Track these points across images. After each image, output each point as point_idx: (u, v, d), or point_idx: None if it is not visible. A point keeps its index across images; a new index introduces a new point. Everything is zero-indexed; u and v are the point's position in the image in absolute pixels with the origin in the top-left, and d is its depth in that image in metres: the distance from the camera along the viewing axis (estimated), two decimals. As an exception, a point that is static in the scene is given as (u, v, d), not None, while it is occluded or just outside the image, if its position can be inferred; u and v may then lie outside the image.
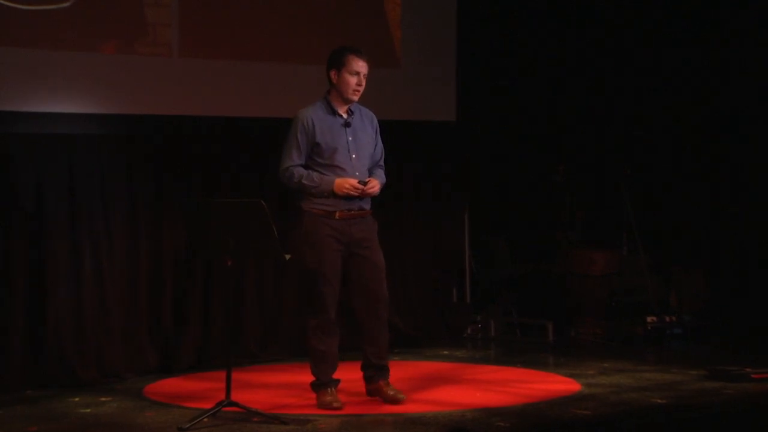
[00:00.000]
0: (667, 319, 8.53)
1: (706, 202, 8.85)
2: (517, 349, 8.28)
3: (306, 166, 6.04)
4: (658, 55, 9.07)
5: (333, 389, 6.12)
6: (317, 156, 6.03)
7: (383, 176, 6.23)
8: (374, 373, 6.21)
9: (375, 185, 6.06)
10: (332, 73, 6.07)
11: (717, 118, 8.83)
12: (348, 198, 6.01)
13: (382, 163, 6.28)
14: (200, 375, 7.17)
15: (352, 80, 6.04)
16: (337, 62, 6.06)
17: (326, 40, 7.82)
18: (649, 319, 8.45)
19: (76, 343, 6.95)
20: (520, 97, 9.24)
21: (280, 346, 7.84)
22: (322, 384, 6.12)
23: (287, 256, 5.86)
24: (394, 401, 6.10)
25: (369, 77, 6.14)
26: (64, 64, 6.89)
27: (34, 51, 6.78)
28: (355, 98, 6.08)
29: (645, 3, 9.06)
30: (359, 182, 6.00)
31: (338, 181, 5.98)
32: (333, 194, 5.99)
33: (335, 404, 6.03)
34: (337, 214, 6.02)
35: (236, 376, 6.11)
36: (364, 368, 6.26)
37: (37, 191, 6.90)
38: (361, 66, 6.04)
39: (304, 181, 6.00)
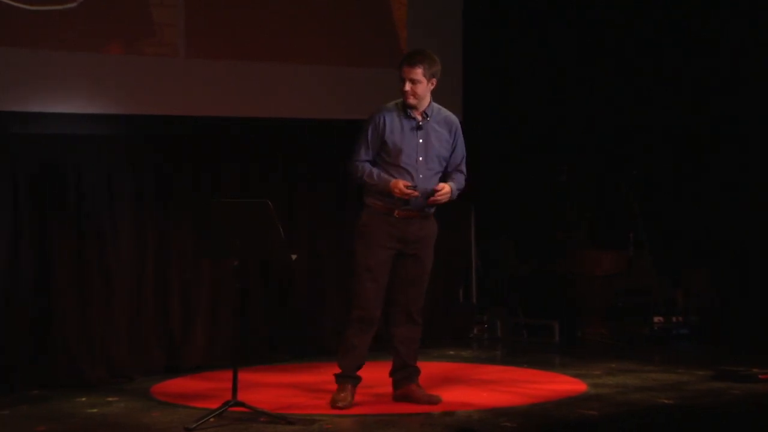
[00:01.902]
0: (674, 319, 8.53)
1: (713, 202, 8.83)
2: (523, 349, 8.28)
3: (375, 163, 6.15)
4: (663, 54, 9.05)
5: (351, 385, 6.15)
6: (385, 154, 6.14)
7: (461, 180, 6.26)
8: (405, 375, 6.24)
9: (445, 192, 6.09)
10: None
11: (724, 117, 8.81)
12: (404, 198, 6.08)
13: (462, 167, 6.30)
14: (207, 375, 7.17)
15: (402, 86, 6.14)
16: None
17: (332, 41, 7.84)
18: (655, 319, 8.45)
19: (83, 343, 6.95)
20: (525, 97, 9.23)
21: (287, 346, 7.84)
22: (343, 377, 6.17)
23: (293, 256, 5.87)
24: (429, 403, 6.13)
25: (373, 77, 6.17)
26: (69, 64, 6.90)
27: (40, 51, 6.79)
28: (410, 102, 6.12)
29: (647, 3, 9.05)
30: (409, 186, 6.02)
31: (393, 182, 6.06)
32: (389, 194, 6.07)
33: (340, 403, 6.06)
34: (396, 212, 6.10)
35: (243, 376, 6.11)
36: (393, 371, 6.28)
37: (43, 191, 6.91)
38: (405, 72, 6.11)
39: (366, 178, 6.13)
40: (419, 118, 6.17)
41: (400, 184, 6.04)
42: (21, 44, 6.72)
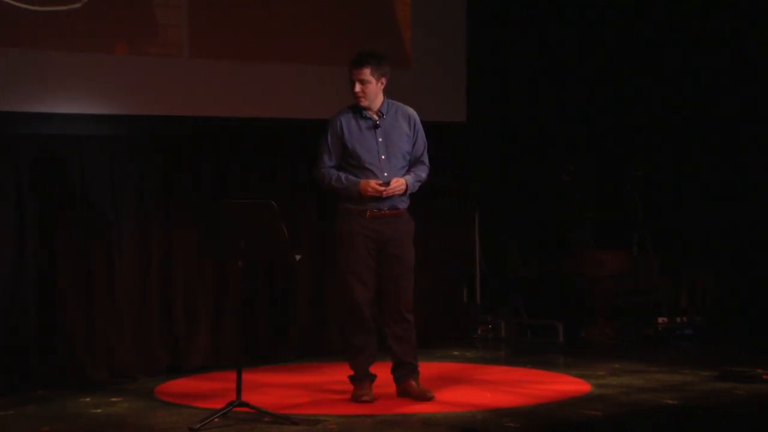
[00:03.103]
0: (678, 319, 8.52)
1: (717, 202, 8.83)
2: (527, 349, 8.28)
3: (340, 167, 6.18)
4: (665, 54, 9.05)
5: (368, 382, 6.22)
6: (348, 157, 6.18)
7: (421, 173, 6.29)
8: (403, 372, 6.29)
9: (398, 184, 6.12)
10: None
11: (728, 116, 8.80)
12: (378, 198, 6.11)
13: (424, 158, 6.34)
14: (211, 375, 7.18)
15: (352, 87, 6.19)
16: None
17: (336, 41, 7.84)
18: (659, 319, 8.44)
19: (88, 344, 6.96)
20: (529, 97, 9.23)
21: (291, 346, 7.85)
22: (357, 377, 6.24)
23: (297, 257, 5.87)
24: (423, 398, 6.19)
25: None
26: (73, 64, 6.90)
27: (43, 52, 6.80)
28: (362, 103, 6.19)
29: (648, 3, 9.05)
30: (381, 183, 6.07)
31: (362, 183, 6.10)
32: (360, 195, 6.10)
33: (365, 398, 6.14)
34: (368, 213, 6.14)
35: (247, 376, 6.12)
36: (394, 369, 6.33)
37: (47, 192, 6.92)
38: (354, 74, 6.17)
39: (334, 183, 6.18)
40: (375, 117, 6.21)
41: (372, 183, 6.07)
42: (25, 45, 6.73)
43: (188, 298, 7.45)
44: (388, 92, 6.36)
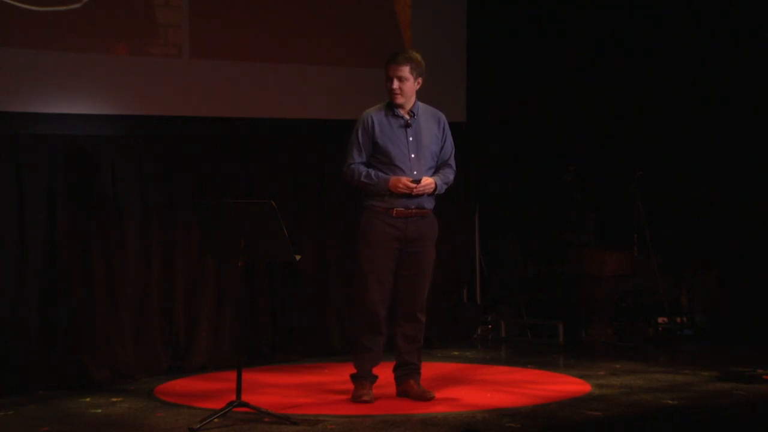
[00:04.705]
0: (678, 320, 8.52)
1: (718, 203, 8.83)
2: (528, 350, 8.28)
3: (369, 164, 6.17)
4: (668, 55, 9.05)
5: (368, 383, 6.22)
6: (378, 154, 6.18)
7: (449, 175, 6.33)
8: (406, 372, 6.29)
9: (428, 183, 6.14)
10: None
11: (729, 117, 8.80)
12: (406, 196, 6.12)
13: (451, 161, 6.38)
14: (211, 375, 7.18)
15: (389, 85, 6.20)
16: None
17: (336, 41, 7.84)
18: (660, 320, 8.44)
19: (88, 344, 6.96)
20: (530, 97, 9.23)
21: (291, 346, 7.84)
22: (359, 376, 6.24)
23: (297, 257, 5.87)
24: (423, 399, 6.19)
25: (377, 78, 6.21)
26: (74, 65, 6.90)
27: (43, 52, 6.80)
28: (398, 100, 6.19)
29: (649, 4, 9.05)
30: (412, 181, 6.08)
31: (393, 179, 6.11)
32: (389, 192, 6.10)
33: (365, 397, 6.15)
34: (395, 211, 6.14)
35: (247, 376, 6.12)
36: (396, 368, 6.33)
37: (49, 192, 6.92)
38: (392, 70, 6.17)
39: (363, 179, 6.16)
40: (407, 116, 6.21)
41: (403, 179, 6.08)
42: (25, 45, 6.73)
43: (189, 299, 7.45)
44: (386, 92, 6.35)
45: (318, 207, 8.04)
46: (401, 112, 6.21)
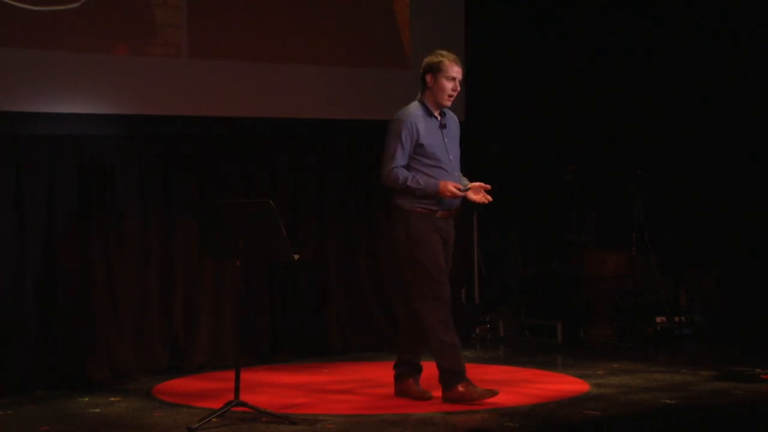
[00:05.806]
0: (677, 319, 8.51)
1: (717, 203, 8.83)
2: (527, 349, 8.28)
3: (407, 167, 6.09)
4: (667, 55, 9.06)
5: (469, 380, 6.11)
6: (422, 156, 6.10)
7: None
8: (407, 370, 6.27)
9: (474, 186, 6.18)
10: (428, 77, 6.14)
11: (729, 117, 8.80)
12: (451, 199, 6.13)
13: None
14: (210, 375, 7.18)
15: (448, 85, 6.13)
16: (435, 67, 6.14)
17: (336, 41, 7.84)
18: (658, 319, 8.43)
19: (88, 344, 6.97)
20: (529, 97, 9.23)
21: (290, 346, 7.85)
22: (460, 374, 6.11)
23: (296, 257, 5.87)
24: (422, 399, 6.18)
25: (377, 77, 6.19)
26: (74, 65, 6.91)
27: (43, 52, 6.81)
28: (449, 103, 6.17)
29: (649, 4, 9.06)
30: (462, 189, 6.09)
31: (442, 184, 6.05)
32: (437, 196, 6.06)
33: (475, 394, 6.05)
34: (439, 213, 6.14)
35: (246, 376, 6.12)
36: (397, 365, 6.31)
37: (49, 192, 6.92)
38: (456, 72, 6.14)
39: (410, 183, 6.06)
40: (439, 117, 6.20)
41: (450, 186, 6.05)
42: (24, 45, 6.74)
43: (188, 298, 7.45)
44: (387, 93, 6.36)
45: (318, 207, 8.04)
46: (436, 113, 6.18)
